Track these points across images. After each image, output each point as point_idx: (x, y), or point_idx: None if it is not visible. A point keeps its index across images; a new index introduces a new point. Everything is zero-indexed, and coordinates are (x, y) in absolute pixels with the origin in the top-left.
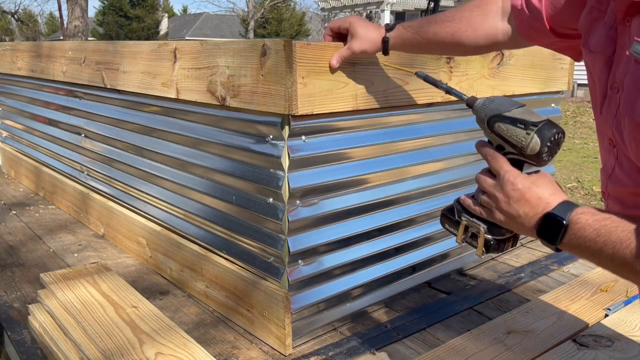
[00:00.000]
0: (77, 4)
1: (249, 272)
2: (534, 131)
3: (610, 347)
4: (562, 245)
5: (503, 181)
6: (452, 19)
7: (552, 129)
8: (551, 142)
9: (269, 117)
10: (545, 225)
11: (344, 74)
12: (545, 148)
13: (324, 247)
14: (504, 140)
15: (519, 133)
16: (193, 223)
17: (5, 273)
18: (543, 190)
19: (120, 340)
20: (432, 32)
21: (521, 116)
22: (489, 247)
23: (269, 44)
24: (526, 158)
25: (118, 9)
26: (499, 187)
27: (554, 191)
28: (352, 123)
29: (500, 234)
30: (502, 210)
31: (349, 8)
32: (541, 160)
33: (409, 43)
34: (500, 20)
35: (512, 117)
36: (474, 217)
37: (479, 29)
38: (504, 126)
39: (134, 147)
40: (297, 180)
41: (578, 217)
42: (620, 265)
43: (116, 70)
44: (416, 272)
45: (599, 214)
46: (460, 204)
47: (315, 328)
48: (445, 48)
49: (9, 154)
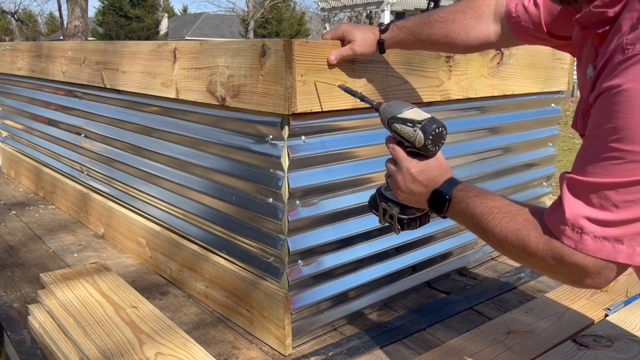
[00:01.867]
0: (77, 4)
1: (248, 272)
2: (419, 128)
3: (610, 347)
4: (448, 214)
5: (401, 168)
6: (445, 20)
7: (433, 124)
8: (433, 135)
9: (268, 117)
10: (434, 199)
11: (343, 72)
12: (429, 141)
13: (324, 247)
14: (400, 137)
15: (408, 130)
16: (193, 223)
17: (5, 273)
18: (432, 172)
19: (120, 340)
20: (427, 34)
21: (410, 116)
22: (403, 225)
23: (268, 44)
24: (418, 150)
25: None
26: (399, 172)
27: (440, 172)
28: (351, 123)
29: (411, 213)
30: (403, 190)
31: (349, 8)
32: (428, 150)
33: (404, 43)
34: (492, 22)
35: (403, 117)
36: (390, 201)
37: (471, 31)
38: (398, 126)
39: (133, 147)
40: (297, 181)
41: (456, 192)
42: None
43: (116, 70)
44: (416, 272)
45: (473, 190)
46: (380, 190)
47: (315, 328)
48: (438, 47)
49: (8, 154)
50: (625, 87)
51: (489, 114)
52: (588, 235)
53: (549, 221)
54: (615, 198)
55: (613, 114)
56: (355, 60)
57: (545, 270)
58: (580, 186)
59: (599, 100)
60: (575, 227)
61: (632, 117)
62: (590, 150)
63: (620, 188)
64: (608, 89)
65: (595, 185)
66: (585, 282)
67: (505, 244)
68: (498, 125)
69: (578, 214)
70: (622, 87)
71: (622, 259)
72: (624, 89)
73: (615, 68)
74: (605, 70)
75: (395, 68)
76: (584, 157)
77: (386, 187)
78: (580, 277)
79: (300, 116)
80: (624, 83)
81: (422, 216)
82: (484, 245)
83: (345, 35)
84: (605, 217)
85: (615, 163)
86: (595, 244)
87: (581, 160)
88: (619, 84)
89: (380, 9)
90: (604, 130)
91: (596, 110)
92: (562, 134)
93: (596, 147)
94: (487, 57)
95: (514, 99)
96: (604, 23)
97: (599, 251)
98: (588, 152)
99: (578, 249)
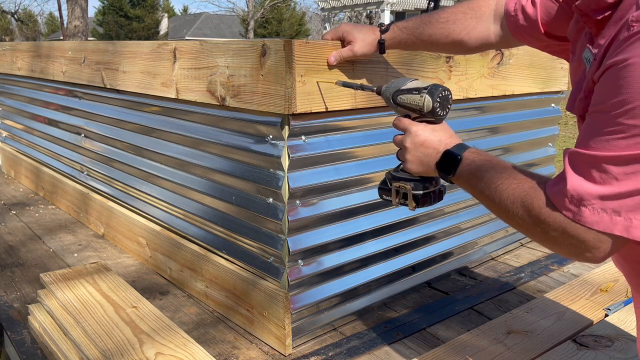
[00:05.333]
0: (77, 4)
1: (248, 272)
2: (425, 92)
3: (610, 347)
4: (455, 177)
5: (409, 133)
6: (446, 21)
7: (439, 88)
8: (440, 98)
9: (268, 117)
10: (444, 159)
11: (342, 73)
12: (437, 104)
13: (324, 247)
14: (406, 109)
15: (415, 98)
16: (193, 223)
17: (5, 273)
18: (442, 134)
19: (120, 340)
20: (428, 34)
21: (414, 85)
22: (418, 201)
23: (269, 44)
24: (425, 116)
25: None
26: (407, 139)
27: (450, 135)
28: (351, 123)
29: (425, 188)
30: (412, 154)
31: (349, 8)
32: (436, 115)
33: (405, 44)
34: (492, 23)
35: (408, 88)
36: (402, 180)
37: (472, 31)
38: (403, 97)
39: (133, 147)
40: (297, 180)
41: (468, 154)
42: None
43: (116, 70)
44: (416, 272)
45: (484, 155)
46: (389, 173)
47: (315, 328)
48: (439, 48)
49: (8, 154)
50: (630, 61)
51: (489, 114)
52: (586, 207)
53: (551, 192)
54: (615, 171)
55: (617, 89)
56: (355, 60)
57: (547, 241)
58: (582, 159)
59: (603, 77)
60: (574, 198)
61: (635, 92)
62: (594, 125)
63: (620, 161)
64: (614, 64)
65: (596, 158)
66: (585, 255)
67: (509, 210)
68: (498, 125)
69: (578, 186)
70: (627, 62)
71: (619, 231)
72: (629, 64)
73: (620, 44)
74: (611, 48)
75: (395, 68)
76: (586, 131)
77: (395, 169)
78: (580, 250)
79: (300, 116)
80: (629, 58)
81: (436, 191)
82: (484, 245)
83: (346, 35)
84: (604, 190)
85: (617, 137)
86: (594, 216)
87: (584, 135)
88: (624, 59)
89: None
90: (608, 105)
91: (600, 86)
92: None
93: (599, 121)
94: (487, 57)
95: (514, 99)
96: (602, 10)
97: (597, 223)
98: (592, 126)
99: (576, 220)
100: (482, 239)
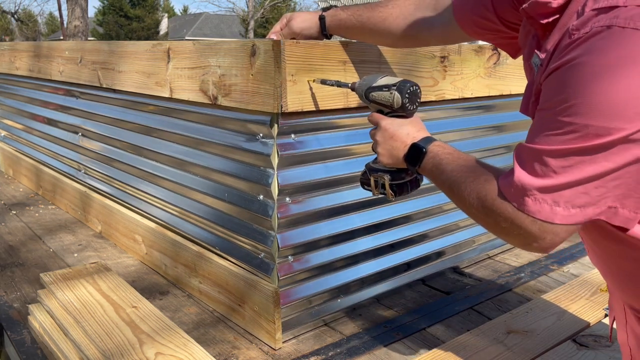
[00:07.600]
0: (77, 4)
1: (241, 268)
2: (395, 89)
3: (610, 347)
4: (421, 169)
5: (380, 127)
6: (386, 5)
7: (407, 83)
8: (409, 93)
9: (258, 115)
10: (411, 152)
11: (334, 72)
12: (406, 99)
13: (315, 244)
14: (379, 105)
15: (385, 95)
16: (189, 221)
17: (5, 273)
18: (410, 128)
19: (120, 340)
20: (367, 16)
21: (384, 82)
22: (395, 191)
23: (258, 44)
24: (397, 112)
25: (118, 9)
26: (378, 132)
27: (419, 129)
28: (341, 121)
29: (401, 178)
30: (383, 147)
31: None
32: (406, 109)
33: (344, 24)
34: (431, 11)
35: (378, 85)
36: (379, 171)
37: (409, 17)
38: (375, 94)
39: (130, 146)
40: (287, 178)
41: (433, 147)
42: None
43: (112, 70)
44: (410, 270)
45: (448, 148)
46: (368, 165)
47: (306, 323)
48: (376, 34)
49: (8, 154)
50: (570, 64)
51: (486, 114)
52: (529, 197)
53: (502, 184)
54: (553, 164)
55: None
56: (346, 60)
57: (499, 232)
58: (526, 153)
59: (547, 79)
60: (519, 189)
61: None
62: (538, 122)
63: (558, 154)
64: (556, 67)
65: (538, 151)
66: (533, 245)
67: (466, 201)
68: (496, 125)
69: (523, 178)
70: (568, 64)
71: (559, 220)
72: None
73: (562, 50)
74: (555, 53)
75: (388, 68)
76: (533, 128)
77: (374, 161)
78: (528, 240)
79: (290, 115)
80: (569, 61)
81: (412, 180)
82: (481, 244)
83: (289, 18)
84: (545, 182)
85: (556, 133)
86: (535, 206)
87: (530, 132)
88: (565, 62)
89: None
90: (550, 104)
91: (545, 87)
92: None
93: (543, 119)
94: (484, 57)
95: (512, 98)
96: (547, 14)
97: (539, 212)
98: (537, 123)
99: (521, 209)
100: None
